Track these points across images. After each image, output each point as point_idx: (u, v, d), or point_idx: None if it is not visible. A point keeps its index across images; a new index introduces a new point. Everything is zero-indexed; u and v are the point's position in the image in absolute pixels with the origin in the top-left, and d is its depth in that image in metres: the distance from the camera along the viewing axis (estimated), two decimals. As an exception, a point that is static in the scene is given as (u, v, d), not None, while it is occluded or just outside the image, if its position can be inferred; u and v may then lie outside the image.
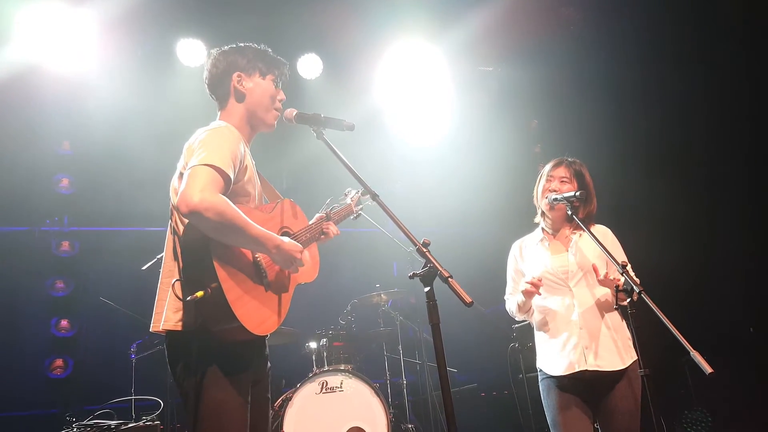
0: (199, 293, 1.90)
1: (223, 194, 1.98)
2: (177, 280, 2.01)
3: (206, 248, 1.96)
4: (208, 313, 1.97)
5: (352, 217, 2.75)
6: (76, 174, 6.15)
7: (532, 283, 2.81)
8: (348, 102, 6.30)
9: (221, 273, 1.94)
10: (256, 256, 2.11)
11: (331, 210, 2.56)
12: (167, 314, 2.07)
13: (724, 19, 5.54)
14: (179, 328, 2.05)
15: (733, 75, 5.64)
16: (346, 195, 2.72)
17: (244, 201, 2.17)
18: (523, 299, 2.91)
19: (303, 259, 2.24)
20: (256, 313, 2.03)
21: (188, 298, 1.92)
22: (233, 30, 5.58)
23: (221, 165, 1.99)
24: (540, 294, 2.87)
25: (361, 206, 2.76)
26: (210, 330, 1.99)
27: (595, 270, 2.78)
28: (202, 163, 1.97)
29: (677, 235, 5.62)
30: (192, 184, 1.92)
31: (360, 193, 2.74)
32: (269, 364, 2.33)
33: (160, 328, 2.08)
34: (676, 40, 5.79)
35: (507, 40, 6.10)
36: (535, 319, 3.04)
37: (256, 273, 2.10)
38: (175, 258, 2.11)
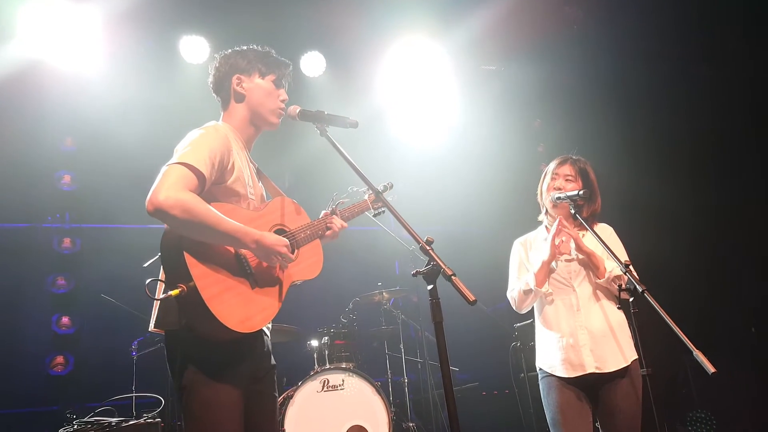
0: (174, 292, 1.90)
1: (198, 193, 1.98)
2: (152, 280, 2.01)
3: (179, 247, 1.95)
4: (188, 313, 1.97)
5: (370, 214, 2.71)
6: (78, 171, 6.14)
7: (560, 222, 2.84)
8: (351, 100, 6.29)
9: (195, 271, 1.93)
10: (240, 252, 2.08)
11: (336, 206, 2.52)
12: (157, 314, 2.08)
13: (728, 17, 5.52)
14: (169, 328, 2.06)
15: (738, 73, 5.62)
16: (367, 190, 2.65)
17: (234, 201, 2.16)
18: (546, 259, 2.85)
19: (300, 256, 2.22)
20: (237, 311, 1.99)
21: (161, 297, 1.94)
22: (236, 27, 5.59)
23: (195, 163, 1.99)
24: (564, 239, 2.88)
25: (382, 204, 2.69)
26: (194, 329, 1.99)
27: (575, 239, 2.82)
28: (175, 162, 1.99)
29: (681, 234, 5.60)
30: (159, 183, 1.93)
31: (380, 189, 2.70)
32: (273, 361, 2.30)
33: (152, 329, 2.10)
34: (680, 38, 5.77)
35: (510, 39, 6.08)
36: (536, 317, 3.03)
37: (239, 270, 2.07)
38: None
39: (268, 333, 2.29)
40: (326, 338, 4.92)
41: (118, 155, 5.71)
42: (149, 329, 2.11)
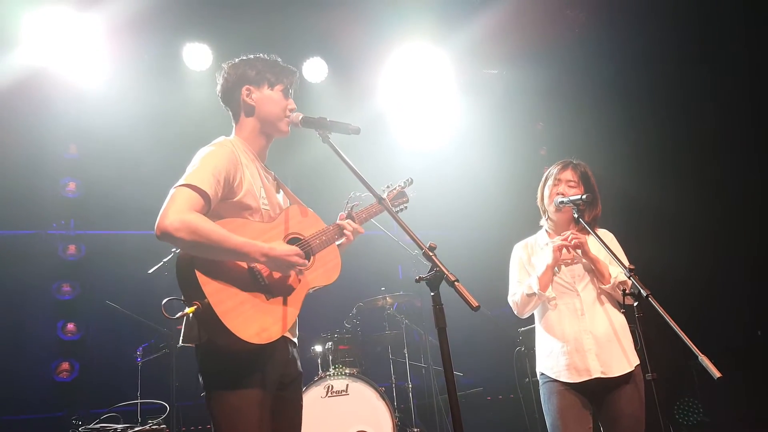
0: (189, 310, 1.96)
1: (206, 212, 2.02)
2: (169, 299, 2.05)
3: (191, 266, 2.00)
4: (207, 328, 2.02)
5: (403, 207, 2.76)
6: (83, 177, 6.17)
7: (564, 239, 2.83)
8: (353, 105, 6.30)
9: (208, 288, 1.98)
10: (252, 265, 2.10)
11: (352, 208, 2.52)
12: (184, 331, 2.15)
13: (728, 19, 5.52)
14: (193, 342, 2.12)
15: (738, 75, 5.62)
16: (387, 187, 2.72)
17: (246, 215, 2.18)
18: (550, 264, 2.84)
19: (316, 262, 2.25)
20: (253, 323, 2.02)
21: (176, 316, 2.00)
22: (239, 34, 5.61)
23: (198, 183, 2.02)
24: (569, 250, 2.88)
25: (405, 199, 2.76)
26: (214, 343, 2.04)
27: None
28: (180, 184, 2.03)
29: (684, 237, 5.60)
30: (166, 207, 1.98)
31: (401, 185, 2.75)
32: (300, 368, 2.31)
33: (181, 344, 2.16)
34: (680, 41, 5.77)
35: (512, 42, 6.10)
36: (537, 322, 3.02)
37: (252, 282, 2.10)
38: None
39: (294, 340, 2.31)
40: (330, 343, 4.92)
41: (122, 162, 5.74)
42: (179, 344, 2.19)
